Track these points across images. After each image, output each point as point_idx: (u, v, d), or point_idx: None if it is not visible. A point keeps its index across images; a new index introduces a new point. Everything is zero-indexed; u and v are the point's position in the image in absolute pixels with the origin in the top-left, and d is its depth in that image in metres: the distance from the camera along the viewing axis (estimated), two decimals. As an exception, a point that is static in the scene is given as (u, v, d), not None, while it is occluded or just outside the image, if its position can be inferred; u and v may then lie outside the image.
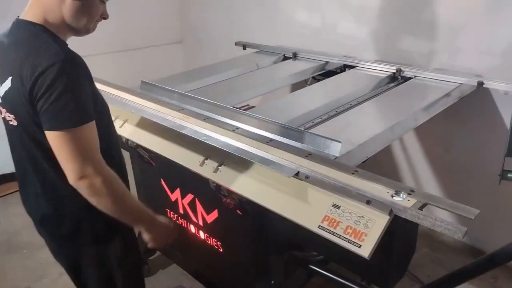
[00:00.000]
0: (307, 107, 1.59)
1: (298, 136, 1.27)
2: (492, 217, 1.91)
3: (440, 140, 2.08)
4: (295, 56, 2.29)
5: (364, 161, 1.28)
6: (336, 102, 1.64)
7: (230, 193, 1.27)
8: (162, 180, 1.69)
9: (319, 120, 1.51)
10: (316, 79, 2.20)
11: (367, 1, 2.20)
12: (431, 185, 2.19)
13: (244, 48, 2.58)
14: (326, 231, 1.01)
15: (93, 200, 0.96)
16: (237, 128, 1.36)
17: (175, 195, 1.64)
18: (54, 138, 0.91)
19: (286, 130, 1.30)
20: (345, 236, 0.97)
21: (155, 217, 1.13)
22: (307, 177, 1.07)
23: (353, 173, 1.07)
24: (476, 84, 1.70)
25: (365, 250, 0.93)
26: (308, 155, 1.17)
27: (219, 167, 1.27)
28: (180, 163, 1.35)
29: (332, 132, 1.38)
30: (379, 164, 2.40)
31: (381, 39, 2.20)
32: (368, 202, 0.95)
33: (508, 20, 1.72)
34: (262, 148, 1.21)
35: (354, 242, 0.96)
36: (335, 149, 1.21)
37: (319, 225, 1.02)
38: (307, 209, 1.06)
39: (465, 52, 1.89)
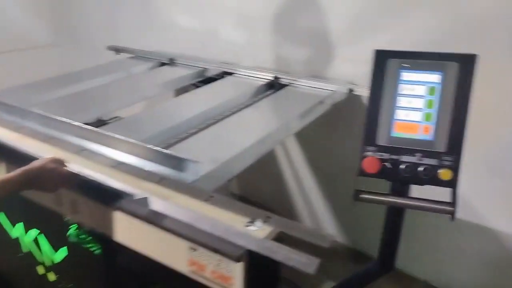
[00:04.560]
0: (176, 119, 1.44)
1: (152, 157, 1.11)
2: (369, 218, 1.95)
3: (321, 147, 2.09)
4: (172, 62, 2.12)
5: (230, 179, 1.16)
6: (207, 113, 1.51)
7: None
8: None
9: (185, 134, 1.36)
10: (197, 86, 2.06)
11: (246, 6, 2.13)
12: (314, 192, 2.19)
13: (118, 53, 2.34)
14: (198, 276, 0.89)
15: None
16: (84, 149, 1.15)
17: (17, 231, 1.37)
18: None
19: (137, 149, 1.13)
20: (215, 281, 0.87)
21: (26, 171, 0.95)
22: (148, 219, 0.92)
23: (207, 200, 0.94)
24: (347, 91, 1.71)
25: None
26: (160, 180, 1.01)
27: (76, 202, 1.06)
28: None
29: (197, 149, 1.25)
30: (264, 172, 2.36)
31: (261, 45, 2.14)
32: (215, 251, 0.83)
33: (374, 30, 1.76)
34: (107, 174, 1.03)
35: (225, 287, 0.86)
36: (193, 171, 1.07)
37: (190, 269, 0.90)
38: (173, 252, 0.92)
39: (338, 59, 1.90)
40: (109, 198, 0.99)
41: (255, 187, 2.49)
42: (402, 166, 1.03)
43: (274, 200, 2.40)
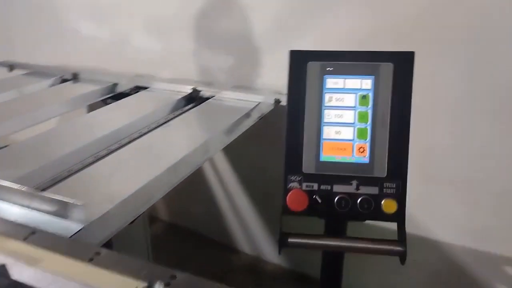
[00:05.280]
0: (72, 146, 1.18)
1: (23, 201, 0.85)
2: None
3: (253, 163, 1.91)
4: (75, 77, 1.84)
5: (132, 221, 0.93)
6: (111, 136, 1.27)
7: None
8: None
9: (80, 166, 1.11)
10: (107, 103, 1.80)
11: (158, 10, 1.91)
12: (249, 213, 2.01)
13: (11, 70, 2.00)
14: None
15: None
16: None
17: None
18: None
19: (2, 192, 0.86)
20: None
21: None
22: None
23: (91, 259, 0.71)
24: (273, 102, 1.55)
25: None
26: (30, 235, 0.76)
27: None
28: None
29: (91, 185, 1.01)
30: (194, 193, 2.14)
31: (179, 54, 1.93)
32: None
33: (301, 32, 1.63)
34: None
35: None
36: (78, 217, 0.83)
37: None
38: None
39: (264, 66, 1.75)
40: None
41: (184, 211, 2.26)
42: (336, 199, 0.82)
43: (206, 224, 2.19)
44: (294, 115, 0.86)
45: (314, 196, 0.82)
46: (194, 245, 2.13)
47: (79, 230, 0.81)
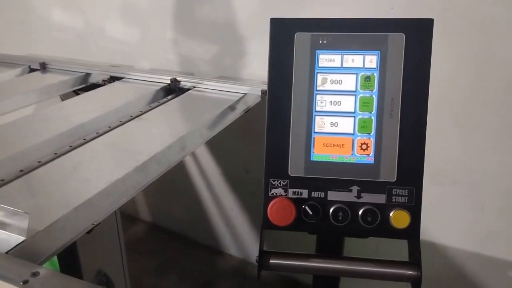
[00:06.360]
0: (28, 142, 1.04)
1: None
2: (302, 241, 1.68)
3: (239, 160, 1.78)
4: (43, 67, 1.68)
5: (90, 230, 0.79)
6: (75, 131, 1.12)
7: None
8: None
9: (36, 164, 0.96)
10: (79, 94, 1.65)
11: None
12: (236, 212, 1.87)
13: (-26, 60, 1.84)
14: None
15: None
16: None
17: None
18: None
19: None
20: None
21: None
22: None
23: (26, 282, 0.57)
24: (260, 94, 1.41)
25: None
26: (-46, 252, 0.62)
27: None
28: None
29: (42, 188, 0.87)
30: (177, 192, 2.01)
31: (158, 43, 1.78)
32: None
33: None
34: None
35: None
36: (18, 227, 0.68)
37: None
38: None
39: (250, 54, 1.61)
40: None
41: (167, 211, 2.12)
42: (331, 210, 0.63)
43: (191, 225, 2.05)
44: (277, 102, 0.68)
45: (303, 206, 0.64)
46: (178, 248, 2.00)
47: (19, 243, 0.67)
